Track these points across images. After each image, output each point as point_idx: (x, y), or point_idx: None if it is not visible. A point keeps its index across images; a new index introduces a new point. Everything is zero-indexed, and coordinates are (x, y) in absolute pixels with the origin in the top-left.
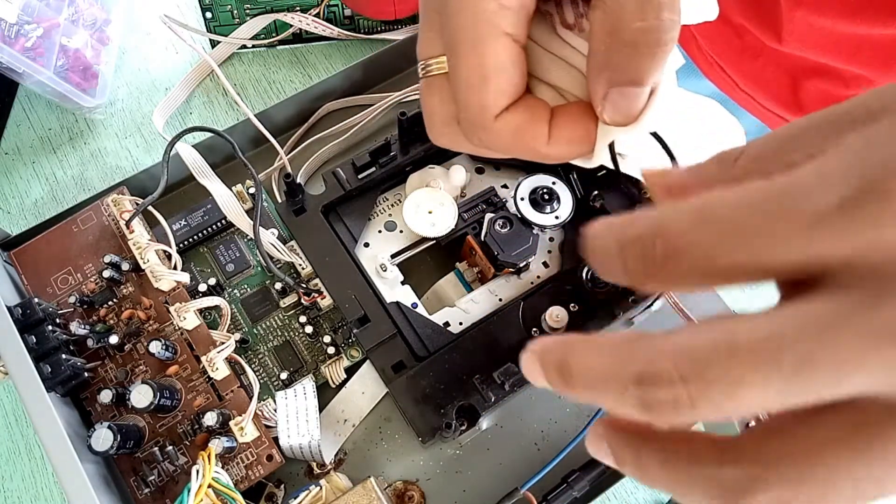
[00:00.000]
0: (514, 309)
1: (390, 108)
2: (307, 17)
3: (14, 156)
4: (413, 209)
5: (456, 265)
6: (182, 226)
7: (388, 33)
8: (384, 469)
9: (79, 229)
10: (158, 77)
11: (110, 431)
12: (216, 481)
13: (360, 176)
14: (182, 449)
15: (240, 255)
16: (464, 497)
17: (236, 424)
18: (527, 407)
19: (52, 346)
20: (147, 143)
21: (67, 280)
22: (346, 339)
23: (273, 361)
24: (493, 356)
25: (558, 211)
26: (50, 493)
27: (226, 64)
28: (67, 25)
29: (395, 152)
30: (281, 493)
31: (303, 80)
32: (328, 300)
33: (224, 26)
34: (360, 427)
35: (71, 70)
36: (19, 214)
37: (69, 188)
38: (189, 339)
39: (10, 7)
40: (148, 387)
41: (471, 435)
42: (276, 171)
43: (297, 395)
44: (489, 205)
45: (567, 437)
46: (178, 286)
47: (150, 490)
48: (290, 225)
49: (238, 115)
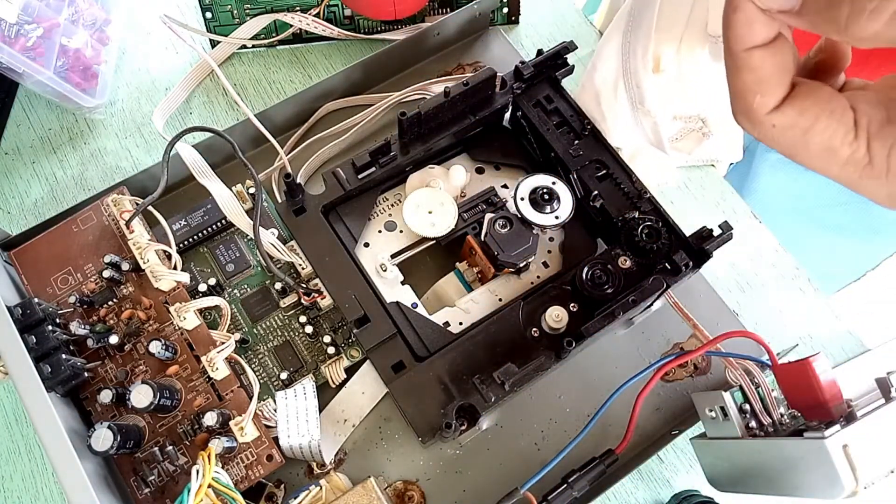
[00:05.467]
0: (514, 309)
1: (390, 108)
2: (307, 17)
3: (14, 156)
4: (413, 209)
5: (456, 265)
6: (182, 226)
7: (388, 33)
8: (384, 469)
9: (79, 229)
10: (158, 77)
11: (110, 431)
12: (216, 481)
13: (360, 176)
14: (182, 449)
15: (240, 255)
16: (464, 497)
17: (236, 424)
18: (527, 407)
19: (52, 346)
20: (147, 143)
21: (67, 280)
22: (346, 339)
23: (273, 361)
24: (493, 356)
25: (558, 211)
26: (50, 493)
27: (226, 64)
28: (67, 25)
29: (395, 152)
30: (281, 493)
31: (303, 80)
32: (328, 300)
33: (224, 26)
34: (360, 427)
35: (71, 70)
36: (19, 214)
37: (69, 188)
38: (189, 339)
39: (10, 7)
40: (148, 387)
41: (471, 435)
42: (276, 171)
43: (297, 395)
44: (489, 205)
45: (567, 437)
46: (178, 286)
47: (150, 490)
48: (290, 225)
49: (238, 115)
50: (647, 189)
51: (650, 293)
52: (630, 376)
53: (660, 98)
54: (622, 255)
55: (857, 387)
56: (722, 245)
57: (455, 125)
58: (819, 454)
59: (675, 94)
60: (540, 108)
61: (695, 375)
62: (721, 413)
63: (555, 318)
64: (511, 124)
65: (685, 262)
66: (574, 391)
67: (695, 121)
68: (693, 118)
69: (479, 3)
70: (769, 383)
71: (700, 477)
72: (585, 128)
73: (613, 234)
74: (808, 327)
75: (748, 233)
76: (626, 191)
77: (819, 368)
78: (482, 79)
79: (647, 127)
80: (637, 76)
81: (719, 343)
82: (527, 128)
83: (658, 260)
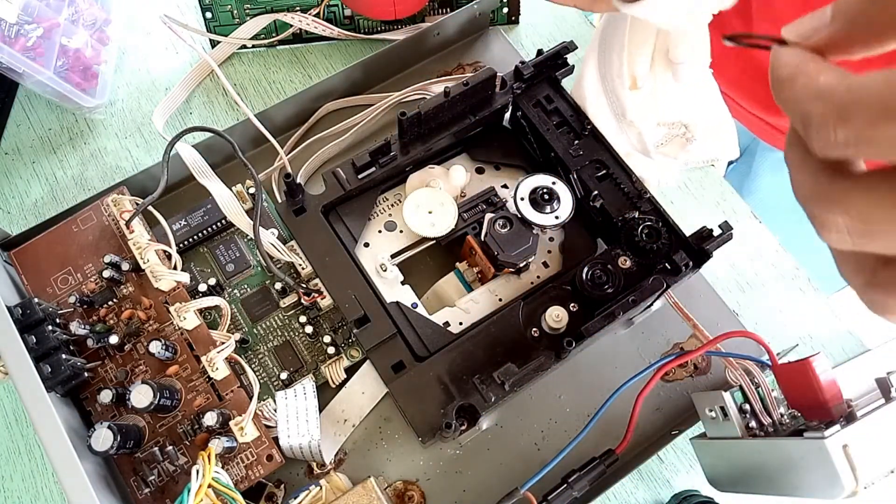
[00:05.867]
0: (514, 309)
1: (390, 108)
2: (307, 17)
3: (14, 156)
4: (413, 209)
5: (456, 265)
6: (182, 226)
7: (388, 33)
8: (384, 469)
9: (79, 229)
10: (158, 77)
11: (110, 431)
12: (216, 481)
13: (360, 176)
14: (182, 449)
15: (240, 255)
16: (464, 497)
17: (236, 424)
18: (527, 407)
19: (52, 346)
20: (147, 143)
21: (67, 280)
22: (346, 339)
23: (273, 361)
24: (493, 356)
25: (558, 211)
26: (50, 493)
27: (226, 64)
28: (67, 25)
29: (395, 152)
30: (281, 493)
31: (303, 80)
32: (328, 300)
33: (224, 26)
34: (360, 427)
35: (71, 70)
36: (19, 214)
37: (69, 188)
38: (189, 339)
39: (10, 7)
40: (148, 387)
41: (471, 435)
42: (276, 171)
43: (297, 395)
44: (489, 205)
45: (567, 437)
46: (178, 286)
47: (150, 490)
48: (290, 225)
49: (238, 115)
50: (647, 189)
51: (650, 293)
52: (630, 376)
53: (640, 110)
54: (622, 255)
55: (857, 387)
56: (722, 245)
57: (455, 125)
58: (819, 454)
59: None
60: (540, 108)
61: (695, 375)
62: (721, 413)
63: (555, 318)
64: (511, 124)
65: (685, 262)
66: (574, 391)
67: (678, 126)
68: (676, 124)
69: (479, 3)
70: (769, 383)
71: (700, 477)
72: (585, 128)
73: (613, 234)
74: (808, 327)
75: (748, 233)
76: (626, 191)
77: (819, 368)
78: (482, 79)
79: (631, 136)
80: (616, 92)
81: (719, 343)
82: (527, 128)
83: (658, 260)
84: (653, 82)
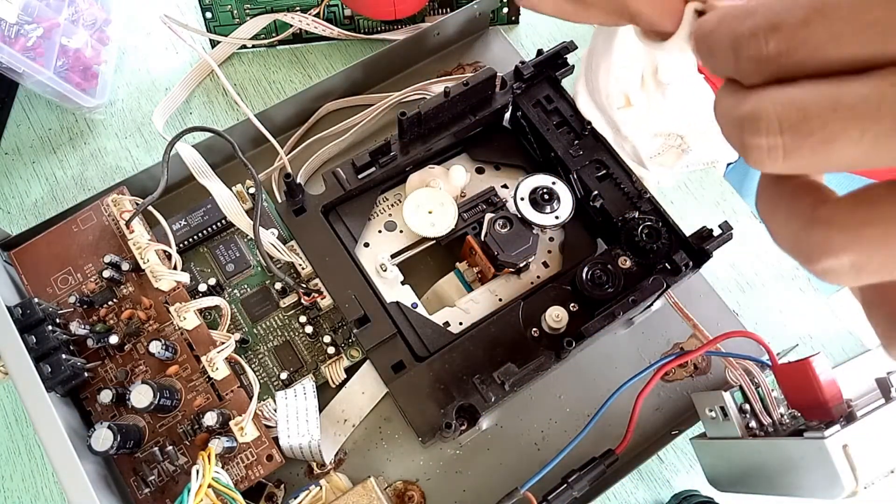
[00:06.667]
0: (514, 309)
1: (390, 108)
2: (307, 17)
3: (14, 156)
4: (413, 209)
5: (456, 265)
6: (182, 226)
7: (388, 33)
8: (384, 469)
9: (79, 229)
10: (158, 77)
11: (110, 431)
12: (216, 481)
13: (360, 176)
14: (182, 449)
15: (240, 255)
16: (464, 497)
17: (236, 424)
18: (527, 407)
19: (52, 346)
20: (147, 143)
21: (67, 280)
22: (346, 339)
23: (273, 361)
24: (493, 356)
25: (558, 211)
26: (50, 493)
27: (226, 64)
28: (67, 25)
29: (395, 152)
30: (281, 493)
31: (303, 80)
32: (328, 300)
33: (224, 26)
34: (360, 427)
35: (71, 70)
36: (19, 214)
37: (69, 188)
38: (189, 339)
39: (10, 7)
40: (148, 387)
41: (471, 435)
42: (276, 171)
43: (297, 395)
44: (489, 205)
45: (567, 437)
46: (178, 286)
47: (150, 490)
48: (290, 225)
49: (238, 115)
50: (647, 189)
51: (650, 293)
52: (630, 376)
53: (634, 125)
54: (622, 255)
55: (857, 387)
56: (722, 245)
57: (455, 125)
58: (819, 454)
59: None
60: (540, 108)
61: (695, 375)
62: (721, 413)
63: (555, 318)
64: (511, 124)
65: (685, 262)
66: (574, 391)
67: (673, 137)
68: (672, 135)
69: (479, 3)
70: (769, 383)
71: (700, 477)
72: (585, 128)
73: (613, 234)
74: (808, 327)
75: (748, 233)
76: (626, 191)
77: (819, 368)
78: (482, 79)
79: (627, 149)
80: (606, 113)
81: (719, 343)
82: (527, 128)
83: (658, 260)
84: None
